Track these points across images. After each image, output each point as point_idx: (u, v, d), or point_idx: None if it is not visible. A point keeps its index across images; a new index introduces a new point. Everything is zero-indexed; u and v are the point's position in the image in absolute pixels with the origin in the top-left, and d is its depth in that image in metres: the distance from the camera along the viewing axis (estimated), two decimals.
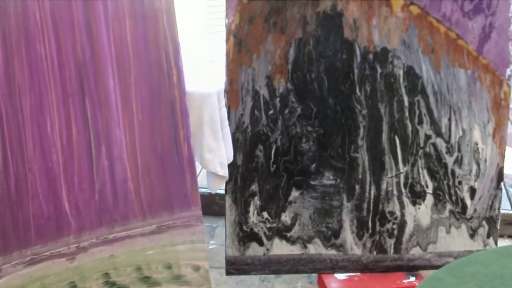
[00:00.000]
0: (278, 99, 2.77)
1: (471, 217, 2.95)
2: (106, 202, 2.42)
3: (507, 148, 2.96)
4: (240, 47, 2.71)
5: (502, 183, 2.94)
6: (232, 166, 2.75)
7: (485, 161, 2.89)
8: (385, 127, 2.84)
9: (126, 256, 2.49)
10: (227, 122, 2.65)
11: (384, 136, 2.84)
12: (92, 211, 2.42)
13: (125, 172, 2.44)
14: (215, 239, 3.42)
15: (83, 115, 2.34)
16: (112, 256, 2.47)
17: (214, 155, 2.56)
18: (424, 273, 3.02)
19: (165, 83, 2.44)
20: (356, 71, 2.78)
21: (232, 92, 2.75)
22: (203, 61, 2.83)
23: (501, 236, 3.25)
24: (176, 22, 2.47)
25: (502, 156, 2.90)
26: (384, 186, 2.89)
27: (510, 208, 3.55)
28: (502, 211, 3.03)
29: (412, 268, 2.99)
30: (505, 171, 2.98)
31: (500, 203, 2.95)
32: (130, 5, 2.38)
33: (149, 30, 2.41)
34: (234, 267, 2.92)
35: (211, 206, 3.35)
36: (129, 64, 2.39)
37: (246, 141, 2.80)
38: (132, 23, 2.39)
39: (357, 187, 2.88)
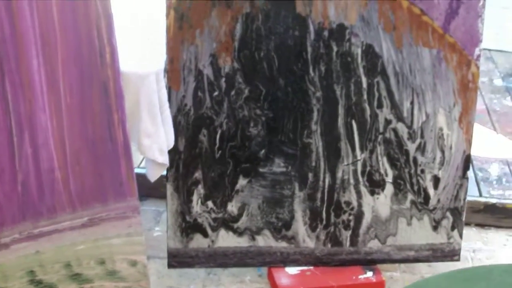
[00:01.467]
0: (223, 79, 2.75)
1: (434, 208, 2.98)
2: (30, 194, 2.39)
3: (477, 126, 3.00)
4: (182, 22, 2.66)
5: (468, 172, 2.97)
6: (173, 152, 2.71)
7: (450, 148, 2.91)
8: (341, 111, 2.82)
9: (54, 252, 2.48)
10: (167, 105, 2.61)
11: (340, 121, 2.83)
12: (14, 204, 2.38)
13: (51, 160, 2.41)
14: (161, 226, 3.42)
15: (2, 98, 2.29)
16: (38, 252, 2.46)
17: (153, 140, 2.53)
18: (382, 267, 3.06)
19: (97, 62, 2.39)
20: (309, 49, 2.75)
21: (173, 72, 2.71)
22: (140, 38, 2.81)
23: (468, 224, 3.29)
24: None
25: (469, 142, 2.91)
26: (339, 174, 2.90)
27: (478, 194, 3.59)
28: (469, 198, 3.07)
29: (369, 262, 3.02)
30: (474, 153, 3.01)
31: (466, 193, 2.97)
32: None
33: (78, 3, 2.37)
34: (177, 259, 2.94)
35: (158, 188, 3.34)
36: (55, 41, 2.34)
37: (188, 125, 2.77)
38: None
39: (310, 175, 2.89)
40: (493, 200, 3.52)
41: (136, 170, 2.58)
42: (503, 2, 5.01)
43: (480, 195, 3.56)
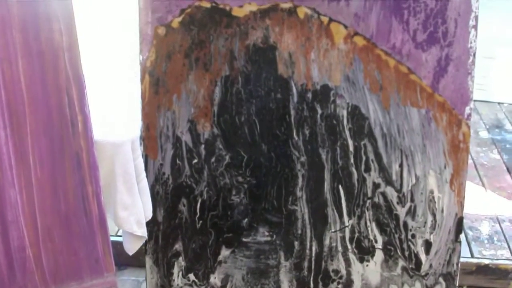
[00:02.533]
0: (203, 146, 2.66)
1: (427, 274, 2.86)
2: (0, 274, 2.29)
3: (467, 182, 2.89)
4: (158, 87, 2.57)
5: (461, 235, 2.86)
6: (151, 224, 2.61)
7: (442, 211, 2.80)
8: (327, 176, 2.72)
9: None
10: (144, 174, 2.51)
11: (326, 186, 2.72)
12: None
13: (22, 238, 2.29)
14: None
15: None
16: None
17: (130, 212, 2.43)
18: None
19: (69, 132, 2.28)
20: (292, 112, 2.65)
21: (150, 139, 2.62)
22: (114, 104, 2.70)
23: (460, 286, 3.16)
24: (80, 60, 2.35)
25: (461, 205, 2.80)
26: (327, 241, 2.78)
27: (469, 255, 3.48)
28: (461, 259, 2.96)
29: None
30: (464, 211, 2.90)
31: (459, 257, 2.85)
32: (23, 41, 2.23)
33: (47, 70, 2.26)
34: None
35: (137, 257, 3.20)
36: (23, 111, 2.22)
37: (167, 194, 2.68)
38: (26, 62, 2.22)
39: (296, 243, 2.77)
40: (486, 261, 3.40)
41: (114, 238, 2.51)
42: (485, 52, 4.94)
43: (472, 256, 3.43)
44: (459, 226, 2.81)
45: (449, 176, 2.75)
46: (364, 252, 2.80)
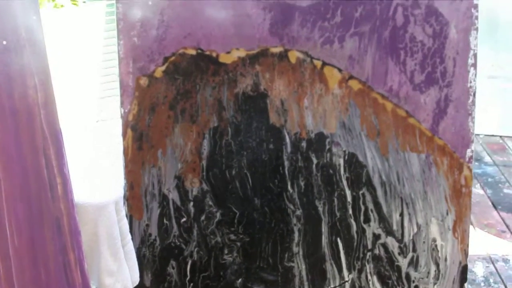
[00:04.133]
0: (191, 203, 2.50)
1: None
2: None
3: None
4: (141, 142, 2.41)
5: (466, 284, 2.72)
6: None
7: (445, 260, 2.66)
8: (324, 229, 2.57)
9: None
10: (129, 236, 2.37)
11: (324, 240, 2.57)
12: None
13: None
14: None
15: None
16: None
17: (116, 279, 2.30)
18: None
19: (47, 195, 2.12)
20: (286, 163, 2.51)
21: (134, 199, 2.45)
22: (95, 162, 2.53)
23: None
24: (58, 117, 2.18)
25: (465, 252, 2.66)
26: None
27: None
28: None
29: None
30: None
31: None
32: None
33: (22, 130, 2.10)
34: None
35: None
36: None
37: (154, 257, 2.51)
38: None
39: None
40: None
41: None
42: (479, 104, 4.86)
43: None
44: (463, 274, 2.68)
45: (452, 222, 2.63)
46: None
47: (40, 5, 4.55)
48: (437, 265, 2.66)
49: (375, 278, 2.63)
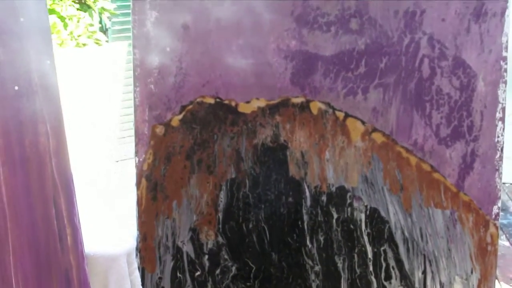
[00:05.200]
0: (206, 256, 2.43)
1: None
2: None
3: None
4: (156, 192, 2.35)
5: None
6: None
7: None
8: (344, 286, 2.50)
9: None
10: None
11: None
12: None
13: None
14: None
15: None
16: None
17: None
18: None
19: (57, 247, 2.07)
20: (305, 217, 2.44)
21: (147, 251, 2.38)
22: (107, 212, 2.47)
23: None
24: (70, 165, 2.12)
25: None
26: None
27: None
28: None
29: None
30: None
31: None
32: (5, 147, 2.01)
33: (32, 178, 2.05)
34: None
35: None
36: (5, 225, 2.02)
37: None
38: (8, 170, 2.03)
39: None
40: None
41: None
42: (506, 152, 4.77)
43: None
44: None
45: (477, 281, 2.56)
46: None
47: (62, 44, 4.54)
48: None
49: None
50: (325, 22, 2.34)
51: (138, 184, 2.33)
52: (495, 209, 2.50)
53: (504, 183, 5.07)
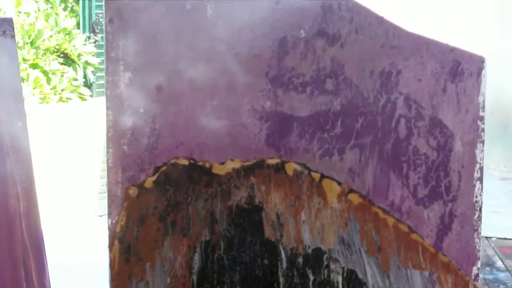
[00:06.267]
0: None
1: None
2: None
3: None
4: (129, 255, 2.29)
5: None
6: None
7: None
8: None
9: None
10: None
11: None
12: None
13: None
14: None
15: None
16: None
17: None
18: None
19: None
20: (281, 279, 2.38)
21: None
22: (80, 274, 2.41)
23: None
24: (40, 226, 2.07)
25: None
26: None
27: None
28: None
29: None
30: None
31: None
32: None
33: (1, 240, 2.00)
34: None
35: None
36: None
37: None
38: None
39: None
40: None
41: None
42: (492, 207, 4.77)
43: None
44: None
45: None
46: None
47: (45, 99, 4.52)
48: None
49: None
50: (300, 82, 2.31)
51: (111, 246, 2.28)
52: (474, 270, 2.44)
53: (490, 238, 5.03)
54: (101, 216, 3.90)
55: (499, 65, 4.93)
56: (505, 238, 5.19)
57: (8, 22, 2.14)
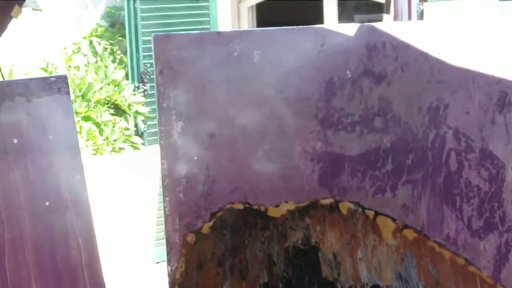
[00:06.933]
0: None
1: None
2: None
3: None
4: None
5: None
6: None
7: None
8: None
9: None
10: None
11: None
12: None
13: None
14: None
15: None
16: None
17: None
18: None
19: None
20: None
21: None
22: None
23: None
24: (102, 276, 2.11)
25: None
26: None
27: None
28: None
29: None
30: None
31: None
32: (37, 262, 2.01)
33: None
34: None
35: None
36: None
37: None
38: (41, 285, 2.02)
39: None
40: None
41: None
42: None
43: None
44: None
45: None
46: None
47: (98, 150, 4.61)
48: None
49: None
50: (349, 122, 2.34)
51: None
52: None
53: None
54: (158, 263, 3.94)
55: None
56: None
57: (63, 79, 2.21)
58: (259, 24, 7.13)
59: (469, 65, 2.37)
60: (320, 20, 6.51)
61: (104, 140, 4.53)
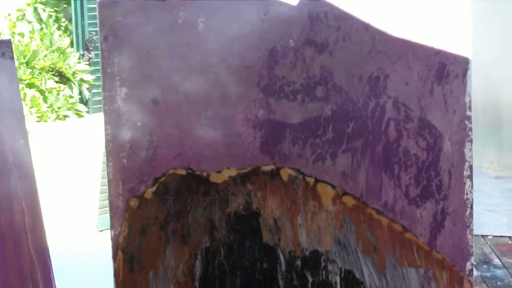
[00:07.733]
0: None
1: None
2: None
3: None
4: (132, 264, 2.35)
5: None
6: None
7: None
8: None
9: None
10: None
11: None
12: None
13: None
14: None
15: None
16: None
17: None
18: None
19: None
20: (281, 282, 2.43)
21: None
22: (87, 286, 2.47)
23: None
24: (46, 241, 2.13)
25: None
26: None
27: None
28: None
29: None
30: None
31: None
32: None
33: (8, 256, 2.05)
34: None
35: None
36: None
37: None
38: None
39: None
40: None
41: None
42: (487, 205, 4.83)
43: None
44: None
45: None
46: None
47: (43, 117, 4.60)
48: None
49: None
50: (291, 90, 2.38)
51: (115, 257, 2.34)
52: (468, 266, 2.50)
53: (486, 236, 5.09)
54: (101, 231, 3.96)
55: (491, 66, 5.01)
56: (501, 236, 5.24)
57: (7, 43, 2.21)
58: None
59: (409, 36, 2.43)
60: None
61: (48, 107, 4.51)
